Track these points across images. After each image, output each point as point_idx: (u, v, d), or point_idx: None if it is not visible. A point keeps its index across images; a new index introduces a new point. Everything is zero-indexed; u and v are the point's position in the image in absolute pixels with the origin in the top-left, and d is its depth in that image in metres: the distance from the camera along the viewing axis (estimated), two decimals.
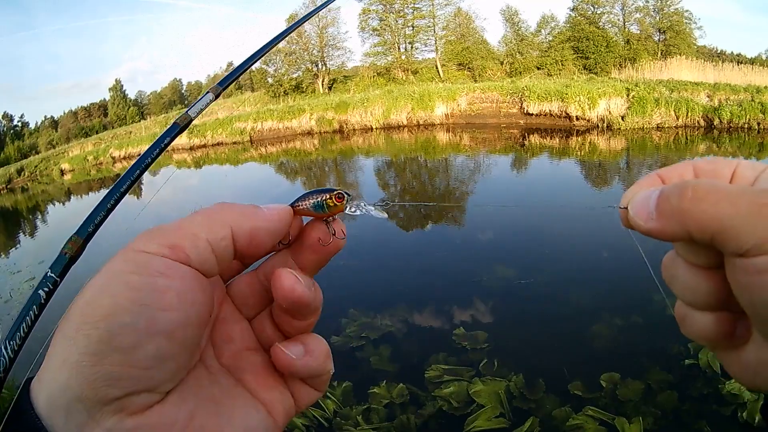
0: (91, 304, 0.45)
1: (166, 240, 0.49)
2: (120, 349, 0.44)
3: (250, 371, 0.60)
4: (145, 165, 0.92)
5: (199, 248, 0.50)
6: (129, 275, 0.46)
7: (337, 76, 43.54)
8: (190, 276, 0.49)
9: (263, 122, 30.16)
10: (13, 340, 0.67)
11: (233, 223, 0.53)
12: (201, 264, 0.50)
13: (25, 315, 0.70)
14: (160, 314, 0.46)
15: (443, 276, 8.54)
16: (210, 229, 0.52)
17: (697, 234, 0.48)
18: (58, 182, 31.11)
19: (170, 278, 0.48)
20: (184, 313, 0.48)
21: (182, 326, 0.48)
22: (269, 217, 0.57)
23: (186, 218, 0.53)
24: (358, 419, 5.12)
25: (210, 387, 0.56)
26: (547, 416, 4.88)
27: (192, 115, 1.02)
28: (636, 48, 37.12)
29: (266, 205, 0.58)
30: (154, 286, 0.47)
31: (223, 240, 0.52)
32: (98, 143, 37.76)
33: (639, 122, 20.65)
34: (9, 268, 12.50)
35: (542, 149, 19.98)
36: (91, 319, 0.44)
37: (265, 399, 0.59)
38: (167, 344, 0.47)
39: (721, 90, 21.08)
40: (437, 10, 40.38)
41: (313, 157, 24.50)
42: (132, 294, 0.45)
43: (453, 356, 5.94)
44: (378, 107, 27.86)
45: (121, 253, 0.48)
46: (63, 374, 0.44)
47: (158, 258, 0.48)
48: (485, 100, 26.36)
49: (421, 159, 20.82)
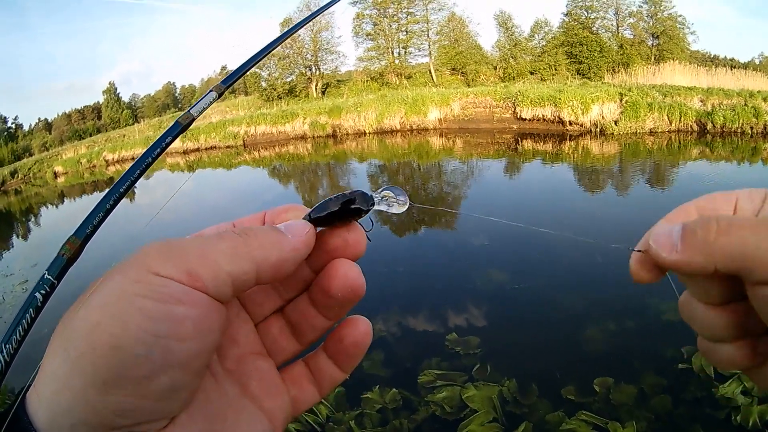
0: (100, 329, 0.42)
1: (185, 265, 0.46)
2: (131, 382, 0.42)
3: (254, 377, 0.58)
4: (146, 165, 0.90)
5: (218, 281, 0.47)
6: (143, 300, 0.43)
7: (330, 81, 43.60)
8: (207, 304, 0.46)
9: (257, 126, 30.15)
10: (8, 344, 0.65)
11: (259, 256, 0.50)
12: (218, 295, 0.47)
13: (21, 318, 0.67)
14: (176, 345, 0.44)
15: (436, 281, 8.54)
16: (233, 261, 0.48)
17: (722, 265, 0.48)
18: (51, 185, 31.00)
19: (187, 306, 0.44)
20: (200, 343, 0.46)
21: (198, 356, 0.46)
22: (296, 247, 0.54)
23: (208, 241, 0.49)
24: (351, 424, 5.11)
25: (217, 400, 0.54)
26: (541, 421, 4.88)
27: (194, 114, 1.00)
28: (629, 53, 37.31)
29: (288, 226, 0.55)
30: (171, 315, 0.43)
31: (245, 275, 0.49)
32: (92, 146, 37.69)
33: (632, 127, 20.70)
34: (2, 271, 12.45)
35: (535, 154, 20.02)
36: (99, 347, 0.41)
37: (268, 408, 0.58)
38: (182, 375, 0.45)
39: (714, 95, 21.16)
40: (431, 15, 40.57)
41: (307, 162, 24.51)
42: (146, 323, 0.42)
43: (446, 361, 5.94)
44: (371, 112, 27.88)
45: (131, 269, 0.45)
46: (66, 397, 0.42)
47: (174, 284, 0.44)
48: (478, 104, 26.40)
49: (414, 163, 20.84)
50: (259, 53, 1.16)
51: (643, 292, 6.98)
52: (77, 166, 32.63)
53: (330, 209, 0.57)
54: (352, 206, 0.58)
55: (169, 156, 29.02)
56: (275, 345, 0.62)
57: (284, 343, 0.62)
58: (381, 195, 0.62)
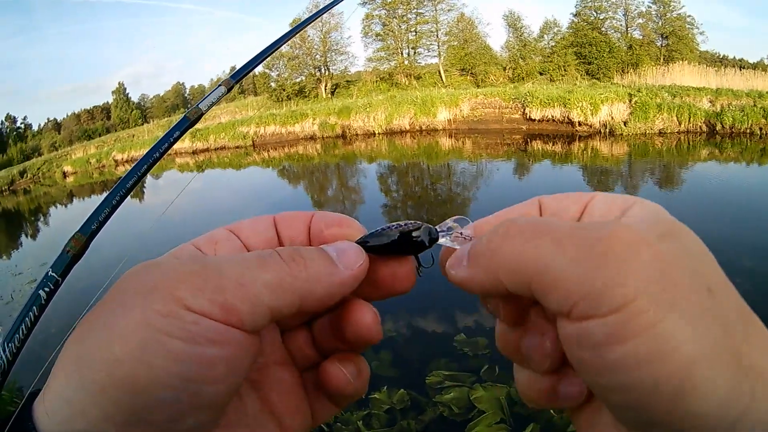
0: (122, 367, 0.38)
1: (220, 297, 0.41)
2: (154, 424, 0.39)
3: (276, 390, 0.54)
4: (154, 160, 0.90)
5: (256, 315, 0.42)
6: (171, 341, 0.38)
7: (340, 81, 43.53)
8: (242, 341, 0.42)
9: (266, 127, 30.12)
10: (11, 342, 0.64)
11: (305, 289, 0.45)
12: (254, 329, 0.43)
13: (24, 316, 0.66)
14: (206, 388, 0.40)
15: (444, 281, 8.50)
16: (276, 294, 0.43)
17: (509, 283, 0.40)
18: (60, 184, 31.09)
19: (221, 347, 0.40)
20: (232, 384, 0.42)
21: (228, 395, 0.42)
22: (346, 282, 0.48)
23: (249, 268, 0.44)
24: (358, 425, 5.11)
25: (237, 422, 0.49)
26: (548, 422, 4.87)
27: (203, 109, 1.00)
28: (638, 53, 37.11)
29: (340, 250, 0.50)
30: (202, 358, 0.39)
31: (287, 308, 0.44)
32: (101, 146, 37.78)
33: (641, 128, 20.62)
34: (11, 270, 12.51)
35: (545, 155, 19.94)
36: (122, 386, 0.37)
37: (287, 424, 0.53)
38: (210, 416, 0.42)
39: (724, 95, 21.05)
40: (440, 16, 40.48)
41: (316, 162, 24.46)
42: (175, 367, 0.38)
43: (454, 362, 5.94)
44: (381, 112, 27.84)
45: (158, 298, 0.40)
46: (81, 425, 0.38)
47: (208, 321, 0.40)
48: (488, 105, 26.31)
49: (424, 164, 20.78)
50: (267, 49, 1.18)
51: None
52: (86, 166, 32.70)
53: (389, 239, 0.53)
54: (414, 240, 0.53)
55: (178, 156, 29.07)
56: (300, 354, 0.57)
57: (309, 353, 0.57)
58: (447, 226, 0.55)
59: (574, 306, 0.36)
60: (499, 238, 0.41)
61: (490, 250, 0.41)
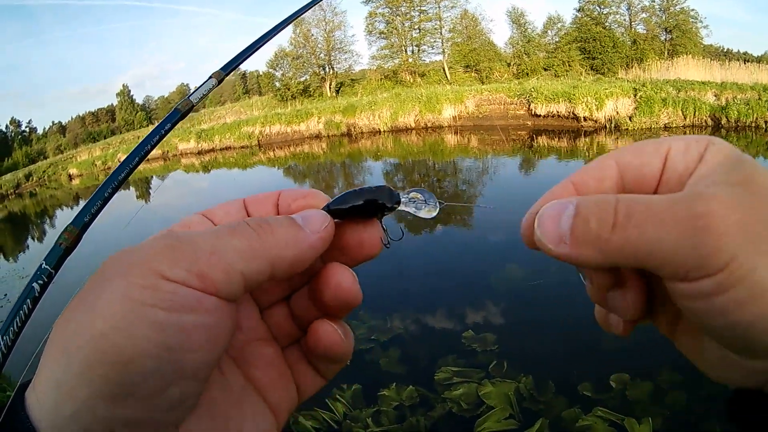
0: (106, 341, 0.39)
1: (195, 266, 0.43)
2: (140, 395, 0.40)
3: (259, 367, 0.56)
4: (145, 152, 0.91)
5: (231, 282, 0.44)
6: (152, 310, 0.40)
7: (344, 80, 43.48)
8: (219, 307, 0.44)
9: (271, 126, 30.12)
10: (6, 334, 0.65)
11: (274, 254, 0.47)
12: (229, 296, 0.44)
13: (18, 309, 0.67)
14: (188, 356, 0.42)
15: (452, 278, 8.53)
16: (247, 260, 0.45)
17: (623, 263, 0.44)
18: (66, 187, 31.20)
19: (199, 314, 0.42)
20: (213, 352, 0.44)
21: (209, 364, 0.44)
22: (314, 245, 0.51)
23: (220, 237, 0.46)
24: (368, 421, 5.13)
25: (221, 397, 0.51)
26: (557, 417, 4.88)
27: (194, 101, 1.01)
28: (642, 48, 36.98)
29: (305, 216, 0.52)
30: (182, 326, 0.41)
31: (259, 274, 0.46)
32: (106, 148, 37.88)
33: (647, 122, 20.53)
34: (17, 272, 12.52)
35: (551, 151, 19.87)
36: (108, 360, 0.39)
37: (273, 400, 0.55)
38: (193, 385, 0.43)
39: (728, 89, 20.92)
40: (443, 13, 40.37)
41: (322, 161, 24.50)
42: (157, 336, 0.40)
43: (462, 358, 5.94)
44: (386, 110, 27.82)
45: (136, 271, 0.42)
46: (70, 405, 0.40)
47: (185, 289, 0.42)
48: (493, 101, 26.26)
49: (430, 161, 20.77)
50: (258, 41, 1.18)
51: None
52: (92, 168, 32.76)
53: (352, 203, 0.55)
54: (375, 202, 0.55)
55: (184, 157, 29.16)
56: (281, 330, 0.59)
57: (288, 329, 0.59)
58: (409, 196, 0.59)
59: (687, 273, 0.41)
60: (610, 228, 0.43)
61: (600, 237, 0.43)
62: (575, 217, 0.45)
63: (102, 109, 66.30)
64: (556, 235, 0.46)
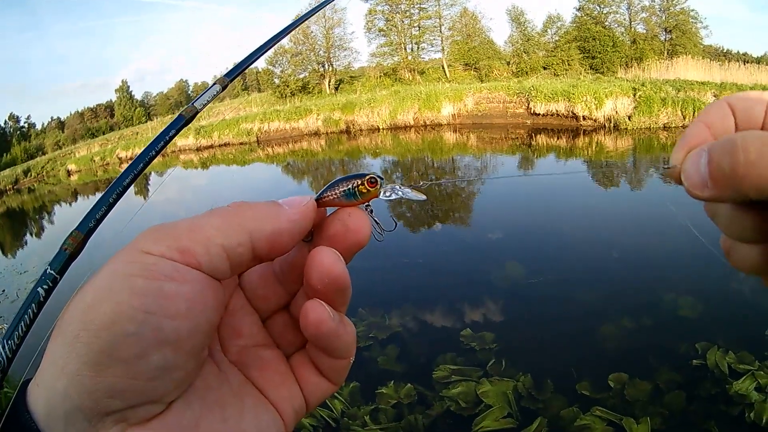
0: (92, 309, 0.42)
1: (176, 243, 0.45)
2: (123, 360, 0.41)
3: (258, 368, 0.57)
4: (149, 158, 0.90)
5: (211, 255, 0.46)
6: (133, 278, 0.43)
7: (343, 77, 43.42)
8: (201, 280, 0.46)
9: (270, 123, 30.15)
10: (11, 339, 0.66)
11: (252, 226, 0.49)
12: (213, 270, 0.47)
13: (23, 313, 0.68)
14: (167, 322, 0.43)
15: (451, 276, 8.54)
16: (226, 233, 0.47)
17: (755, 196, 0.46)
18: (64, 183, 31.19)
19: (179, 283, 0.44)
20: (193, 321, 0.45)
21: (191, 335, 0.45)
22: (292, 218, 0.52)
23: (199, 218, 0.48)
24: (365, 419, 5.13)
25: (218, 388, 0.52)
26: (555, 416, 4.89)
27: (198, 107, 1.00)
28: (642, 47, 36.95)
29: (287, 200, 0.54)
30: (162, 292, 0.43)
31: (239, 246, 0.48)
32: (105, 144, 37.81)
33: (646, 122, 20.55)
34: (16, 268, 12.56)
35: (549, 149, 19.92)
36: (92, 327, 0.41)
37: (275, 398, 0.56)
38: (174, 354, 0.44)
39: (728, 89, 20.94)
40: (443, 11, 40.26)
41: (320, 158, 24.53)
42: (137, 300, 0.42)
43: (461, 356, 5.95)
44: (385, 108, 27.80)
45: (125, 252, 0.45)
46: (62, 382, 0.42)
47: (166, 261, 0.44)
48: (492, 100, 26.26)
49: (428, 159, 20.81)
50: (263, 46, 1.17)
51: (658, 288, 6.98)
52: (90, 164, 32.79)
53: (333, 187, 0.56)
54: (353, 180, 0.56)
55: (182, 153, 29.13)
56: (283, 338, 0.60)
57: (291, 337, 0.60)
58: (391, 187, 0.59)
59: None
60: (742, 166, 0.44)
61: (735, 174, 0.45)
62: (710, 164, 0.47)
63: (101, 105, 66.20)
64: (700, 183, 0.49)
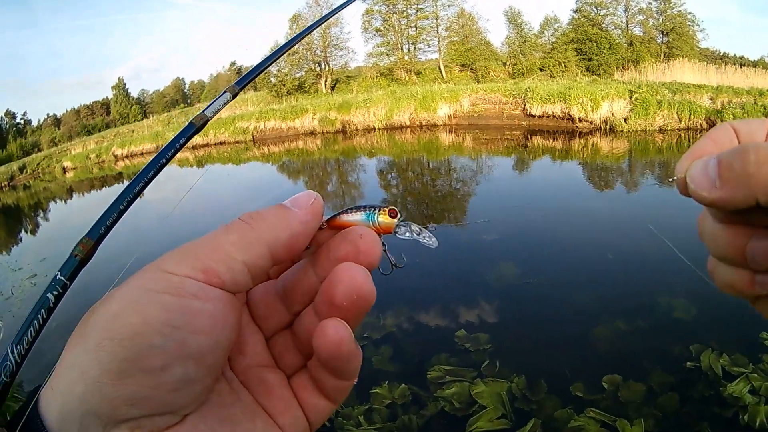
0: (118, 319, 0.43)
1: (200, 263, 0.46)
2: (146, 371, 0.42)
3: (262, 392, 0.56)
4: (160, 165, 0.91)
5: (234, 272, 0.48)
6: (161, 295, 0.44)
7: (340, 77, 43.48)
8: (223, 298, 0.47)
9: (266, 122, 30.19)
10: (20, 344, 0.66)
11: (269, 237, 0.50)
12: (235, 286, 0.48)
13: (33, 319, 0.68)
14: (192, 338, 0.44)
15: (445, 276, 8.54)
16: (245, 249, 0.49)
17: (764, 197, 0.45)
18: (60, 180, 31.20)
19: (203, 301, 0.45)
20: (215, 337, 0.46)
21: (212, 350, 0.46)
22: (303, 219, 0.53)
23: (218, 236, 0.49)
24: (359, 419, 5.13)
25: (231, 406, 0.52)
26: (549, 417, 4.89)
27: (209, 115, 1.01)
28: (639, 50, 37.05)
29: (293, 200, 0.54)
30: (188, 309, 0.44)
31: (259, 259, 0.49)
32: (101, 141, 37.87)
33: (642, 124, 20.60)
34: (11, 266, 12.48)
35: (545, 151, 19.95)
36: (117, 336, 0.42)
37: (282, 423, 0.55)
38: (195, 368, 0.45)
39: (724, 92, 21.02)
40: (440, 11, 40.39)
41: (316, 157, 24.50)
42: (164, 315, 0.43)
43: (455, 357, 5.95)
44: (381, 108, 27.87)
45: (149, 271, 0.46)
46: (80, 386, 0.42)
47: (191, 281, 0.45)
48: (488, 101, 26.32)
49: (424, 160, 20.80)
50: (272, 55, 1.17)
51: (652, 290, 6.98)
52: (86, 162, 32.82)
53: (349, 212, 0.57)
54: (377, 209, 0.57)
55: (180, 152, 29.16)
56: (284, 359, 0.59)
57: (290, 358, 0.59)
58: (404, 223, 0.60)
59: None
60: (753, 165, 0.44)
61: (747, 174, 0.45)
62: (720, 166, 0.47)
63: (97, 102, 66.26)
64: (707, 183, 0.49)
